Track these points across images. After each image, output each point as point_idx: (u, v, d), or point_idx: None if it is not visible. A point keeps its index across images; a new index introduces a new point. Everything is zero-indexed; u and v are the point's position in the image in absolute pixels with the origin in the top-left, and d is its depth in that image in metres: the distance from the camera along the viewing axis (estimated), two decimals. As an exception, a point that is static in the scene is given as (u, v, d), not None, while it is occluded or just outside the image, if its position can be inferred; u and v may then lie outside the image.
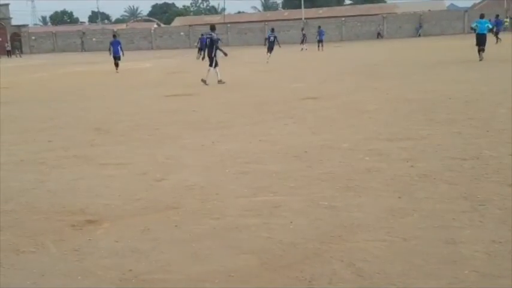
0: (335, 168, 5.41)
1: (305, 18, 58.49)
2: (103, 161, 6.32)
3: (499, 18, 24.01)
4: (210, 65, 15.56)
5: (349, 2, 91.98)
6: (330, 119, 8.50)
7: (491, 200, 4.11)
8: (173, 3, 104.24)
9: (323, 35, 37.69)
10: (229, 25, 60.51)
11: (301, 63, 24.31)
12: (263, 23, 60.90)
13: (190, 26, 63.11)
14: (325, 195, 4.51)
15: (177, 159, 6.25)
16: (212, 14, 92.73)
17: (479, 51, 18.85)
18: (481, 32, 19.25)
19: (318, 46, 35.96)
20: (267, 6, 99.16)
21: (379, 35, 55.52)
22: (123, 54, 22.43)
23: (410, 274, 3.00)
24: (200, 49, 33.18)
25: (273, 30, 28.80)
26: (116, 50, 21.91)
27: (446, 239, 3.42)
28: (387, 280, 2.94)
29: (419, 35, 53.88)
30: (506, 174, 4.79)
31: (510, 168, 4.94)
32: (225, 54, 16.35)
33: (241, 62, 25.33)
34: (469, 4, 77.56)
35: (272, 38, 26.69)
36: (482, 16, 20.60)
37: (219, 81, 15.40)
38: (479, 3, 73.44)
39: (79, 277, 3.19)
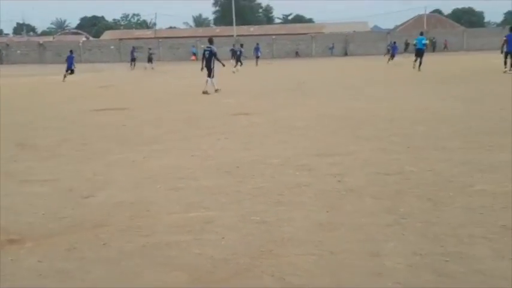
0: (266, 183, 5.49)
1: (237, 35, 59.09)
2: (26, 177, 6.06)
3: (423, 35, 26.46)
4: (209, 76, 16.60)
5: (279, 20, 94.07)
6: (261, 134, 8.62)
7: (413, 214, 4.32)
8: (103, 17, 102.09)
9: (259, 51, 38.80)
10: (160, 40, 60.02)
11: (233, 79, 24.49)
12: (195, 38, 60.94)
13: (120, 39, 62.09)
14: (257, 210, 4.56)
15: (106, 175, 6.10)
16: (143, 28, 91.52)
17: (415, 61, 24.20)
18: (419, 47, 24.75)
19: (237, 65, 36.54)
20: (199, 23, 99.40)
21: (297, 54, 57.07)
22: (74, 67, 25.39)
23: (337, 287, 3.09)
24: (133, 60, 33.78)
25: (241, 45, 34.53)
26: (69, 64, 25.19)
27: (371, 252, 3.56)
28: (316, 293, 3.01)
29: (332, 54, 56.06)
30: (426, 188, 5.05)
31: (429, 183, 5.22)
32: (223, 65, 17.88)
33: (174, 77, 25.17)
34: (391, 26, 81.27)
35: (238, 52, 31.86)
36: (421, 33, 26.30)
37: (216, 90, 16.36)
38: (401, 25, 77.32)
39: (0, 300, 3.04)
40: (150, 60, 38.00)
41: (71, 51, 27.59)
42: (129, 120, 10.91)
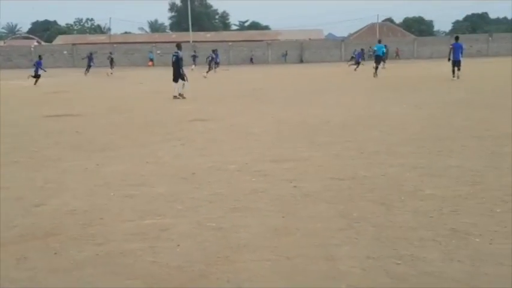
0: (223, 189, 5.48)
1: (193, 41, 58.91)
2: (-27, 185, 5.84)
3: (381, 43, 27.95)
4: (182, 79, 16.83)
5: (236, 27, 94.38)
6: (217, 140, 8.62)
7: (366, 218, 4.41)
8: (55, 21, 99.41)
9: (218, 58, 39.04)
10: (115, 45, 59.08)
11: (191, 84, 24.37)
12: (150, 44, 60.38)
13: (73, 44, 60.73)
14: (213, 217, 4.55)
15: (58, 183, 5.95)
16: (97, 33, 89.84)
17: (375, 68, 25.78)
18: (378, 54, 26.90)
19: (214, 68, 36.63)
20: (154, 28, 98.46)
21: (251, 60, 57.37)
22: (44, 71, 27.07)
23: (293, 291, 3.12)
24: (90, 66, 33.31)
25: (213, 51, 34.81)
26: (37, 69, 26.59)
27: (325, 256, 3.61)
28: (271, 298, 3.03)
29: (286, 61, 56.71)
30: (379, 193, 5.17)
31: (382, 188, 5.35)
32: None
33: (129, 82, 24.83)
34: (345, 34, 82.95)
35: (210, 58, 33.18)
36: (379, 41, 28.31)
37: (180, 95, 16.56)
38: (355, 33, 79.00)
39: None
40: (111, 64, 37.98)
41: (40, 57, 29.02)
42: (83, 127, 10.68)
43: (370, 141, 8.12)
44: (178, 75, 16.87)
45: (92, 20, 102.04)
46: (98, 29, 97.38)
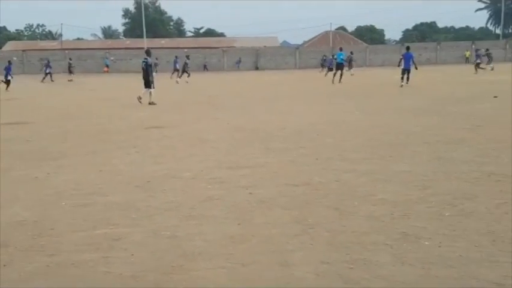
0: (178, 197, 5.44)
1: (147, 48, 58.29)
2: None
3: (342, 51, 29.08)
4: (146, 87, 16.91)
5: (191, 34, 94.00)
6: (172, 148, 8.55)
7: (320, 223, 4.47)
8: (4, 27, 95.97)
9: (178, 63, 38.73)
10: (67, 51, 57.73)
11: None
12: (104, 50, 59.36)
13: (24, 51, 58.96)
14: (168, 225, 4.51)
15: (7, 193, 5.76)
16: (48, 39, 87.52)
17: (334, 74, 26.97)
18: (339, 62, 27.81)
19: (178, 74, 36.29)
20: (108, 34, 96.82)
21: (205, 67, 57.27)
22: (11, 77, 27.57)
23: (248, 298, 3.13)
24: (47, 73, 32.86)
25: (187, 57, 33.89)
26: (6, 74, 27.39)
27: (280, 262, 3.64)
28: (227, 306, 3.03)
29: (239, 68, 56.98)
30: (333, 198, 5.25)
31: (336, 193, 5.44)
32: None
33: (82, 89, 24.31)
34: (300, 41, 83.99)
35: (184, 64, 32.79)
36: (341, 49, 29.02)
37: (151, 103, 16.45)
38: (309, 40, 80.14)
39: None
40: (70, 71, 37.97)
41: (9, 62, 29.30)
42: (34, 135, 10.39)
43: (324, 147, 8.24)
44: (148, 82, 16.98)
45: (43, 25, 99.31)
46: (49, 35, 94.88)
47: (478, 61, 34.16)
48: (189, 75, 32.16)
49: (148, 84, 16.95)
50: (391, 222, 4.47)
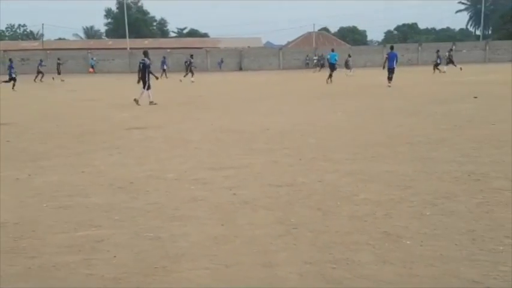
0: (161, 198, 5.42)
1: (130, 48, 57.93)
2: None
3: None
4: (144, 88, 17.00)
5: (174, 34, 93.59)
6: (156, 149, 8.51)
7: (303, 224, 4.49)
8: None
9: (165, 64, 38.92)
10: (48, 52, 57.06)
11: (128, 92, 23.95)
12: (86, 50, 58.82)
13: (5, 51, 58.09)
14: (151, 227, 4.49)
15: (-14, 195, 5.68)
16: (30, 39, 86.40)
17: (330, 76, 27.35)
18: (332, 62, 28.53)
19: (162, 75, 36.41)
20: (90, 35, 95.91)
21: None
22: (15, 75, 27.57)
23: (231, 299, 3.13)
24: (39, 72, 32.88)
25: (191, 56, 35.45)
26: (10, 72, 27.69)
27: (264, 263, 3.65)
28: (210, 307, 3.02)
29: (221, 68, 56.89)
30: (316, 199, 5.28)
31: (319, 193, 5.47)
32: (156, 78, 18.68)
33: (62, 90, 24.05)
34: (283, 42, 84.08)
35: (188, 62, 34.64)
36: (333, 50, 30.94)
37: (151, 103, 16.59)
38: (292, 41, 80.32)
39: None
40: (58, 71, 38.45)
41: (10, 60, 29.58)
42: (14, 136, 10.25)
43: (307, 148, 8.27)
44: (145, 82, 17.05)
45: (24, 25, 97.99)
46: (30, 35, 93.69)
47: (438, 61, 34.57)
48: (193, 75, 32.93)
49: (145, 84, 17.02)
50: (373, 222, 4.51)
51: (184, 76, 33.49)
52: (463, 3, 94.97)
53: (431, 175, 6.18)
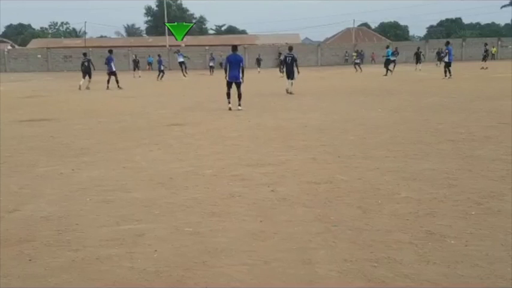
0: (200, 194, 5.46)
1: (169, 46, 58.61)
2: None
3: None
4: (289, 78, 19.41)
5: (212, 32, 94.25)
6: (194, 145, 8.58)
7: (343, 221, 4.44)
8: (29, 25, 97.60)
9: (162, 64, 38.57)
10: (91, 49, 58.39)
11: (166, 90, 24.26)
12: (127, 48, 59.88)
13: (48, 48, 59.87)
14: (190, 222, 4.53)
15: (33, 188, 5.85)
16: (72, 37, 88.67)
17: (387, 70, 30.55)
18: (388, 58, 31.19)
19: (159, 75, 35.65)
20: (131, 32, 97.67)
21: (221, 65, 57.21)
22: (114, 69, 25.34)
23: (271, 295, 3.12)
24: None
25: (212, 54, 39.46)
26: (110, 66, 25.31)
27: (303, 260, 3.62)
28: (249, 302, 3.02)
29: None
30: (355, 196, 5.21)
31: (359, 191, 5.39)
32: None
33: (105, 87, 24.53)
34: (321, 38, 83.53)
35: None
36: (387, 47, 33.10)
37: (290, 92, 19.04)
38: (331, 38, 79.60)
39: None
40: (137, 67, 41.42)
41: (110, 51, 26.57)
42: (58, 131, 10.54)
43: (346, 145, 8.18)
44: (291, 72, 19.36)
45: (67, 23, 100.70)
46: (73, 33, 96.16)
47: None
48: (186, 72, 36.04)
49: (290, 75, 19.39)
50: (415, 220, 4.41)
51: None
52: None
53: (476, 173, 6.01)
